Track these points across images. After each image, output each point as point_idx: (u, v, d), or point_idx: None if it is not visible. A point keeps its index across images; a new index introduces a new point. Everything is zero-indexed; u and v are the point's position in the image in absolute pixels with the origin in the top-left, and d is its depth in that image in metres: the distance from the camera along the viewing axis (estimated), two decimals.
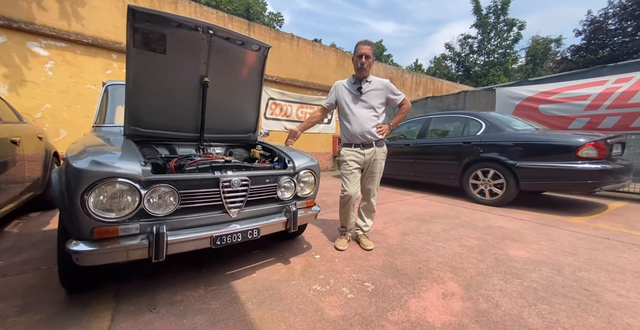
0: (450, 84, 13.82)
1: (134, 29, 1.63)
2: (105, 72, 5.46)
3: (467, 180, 4.13)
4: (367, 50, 2.11)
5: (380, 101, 2.22)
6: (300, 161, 2.04)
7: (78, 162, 1.29)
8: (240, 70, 2.19)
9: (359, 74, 2.20)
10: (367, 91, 2.19)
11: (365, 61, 2.11)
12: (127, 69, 1.73)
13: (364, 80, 2.20)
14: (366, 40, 2.14)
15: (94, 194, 1.27)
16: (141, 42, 1.68)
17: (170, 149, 2.22)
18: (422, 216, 3.28)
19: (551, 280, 1.71)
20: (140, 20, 1.62)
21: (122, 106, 2.63)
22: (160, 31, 1.70)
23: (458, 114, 4.62)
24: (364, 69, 2.15)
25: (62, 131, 5.09)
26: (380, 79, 2.24)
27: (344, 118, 2.31)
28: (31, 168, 2.86)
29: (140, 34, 1.66)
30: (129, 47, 1.67)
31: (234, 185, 1.65)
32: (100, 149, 1.53)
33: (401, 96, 2.26)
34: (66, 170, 1.33)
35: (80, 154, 1.37)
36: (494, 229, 2.80)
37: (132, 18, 1.59)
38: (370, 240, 2.34)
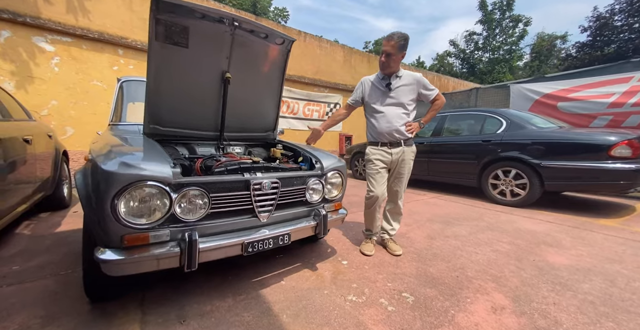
0: (457, 81, 13.63)
1: (157, 21, 1.53)
2: (112, 68, 5.35)
3: (486, 180, 4.01)
4: (389, 46, 1.93)
5: (411, 97, 2.07)
6: (328, 162, 1.93)
7: (107, 164, 1.19)
8: (262, 65, 2.08)
9: (383, 71, 2.07)
10: (396, 87, 2.05)
11: (386, 60, 1.96)
12: (149, 64, 1.63)
13: (393, 76, 2.05)
14: (390, 35, 1.94)
15: (124, 198, 1.17)
16: (163, 34, 1.59)
17: (189, 149, 2.11)
18: (443, 218, 3.17)
19: (607, 292, 1.59)
20: (163, 11, 1.52)
21: (135, 103, 2.56)
22: (184, 23, 1.60)
23: (475, 111, 4.48)
24: (386, 66, 2.01)
25: (69, 129, 4.99)
26: (411, 73, 2.08)
27: (370, 116, 2.18)
28: (42, 167, 2.76)
29: (163, 26, 1.56)
30: (150, 41, 1.57)
31: (265, 188, 1.54)
32: (127, 149, 1.43)
33: (434, 91, 2.10)
34: (93, 173, 1.22)
35: (107, 155, 1.27)
36: (524, 232, 2.68)
37: (156, 9, 1.49)
38: (398, 245, 2.22)
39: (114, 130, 2.08)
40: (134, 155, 1.35)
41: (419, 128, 2.14)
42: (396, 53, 1.95)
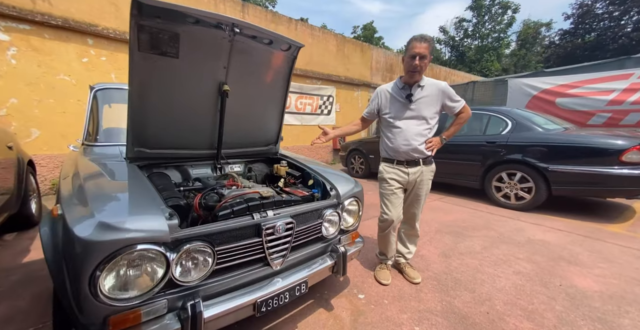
0: (448, 70, 13.45)
1: (140, 28, 1.22)
2: (80, 60, 4.76)
3: (489, 182, 3.90)
4: (423, 49, 1.65)
5: (434, 110, 1.82)
6: (344, 188, 1.68)
7: (83, 227, 0.90)
8: (264, 74, 1.78)
9: (409, 78, 1.79)
10: (418, 99, 1.78)
11: (420, 63, 1.68)
12: (130, 79, 1.33)
13: (415, 85, 1.79)
14: (422, 36, 1.67)
15: (108, 271, 0.90)
16: (148, 43, 1.28)
17: (182, 171, 1.83)
18: (451, 227, 3.03)
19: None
20: (148, 16, 1.20)
21: (112, 106, 2.19)
22: (173, 29, 1.29)
23: (480, 110, 4.29)
24: (417, 73, 1.73)
25: (34, 131, 4.44)
26: (435, 82, 1.81)
27: (386, 129, 1.93)
28: (3, 187, 2.37)
29: (148, 34, 1.25)
30: (132, 52, 1.26)
31: (278, 231, 1.29)
32: (107, 195, 1.13)
33: (461, 103, 1.84)
34: (65, 236, 0.94)
35: (82, 210, 0.99)
36: (537, 244, 2.58)
37: (138, 13, 1.18)
38: (416, 271, 2.05)
39: (89, 153, 1.74)
40: (117, 204, 1.07)
41: (440, 144, 1.89)
42: (429, 56, 1.69)
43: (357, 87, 8.82)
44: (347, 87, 8.52)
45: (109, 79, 4.95)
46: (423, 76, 1.81)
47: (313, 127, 7.66)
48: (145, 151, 1.61)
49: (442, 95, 1.80)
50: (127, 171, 1.44)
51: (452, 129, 1.91)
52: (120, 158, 1.63)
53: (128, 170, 1.45)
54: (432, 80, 1.83)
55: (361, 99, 9.02)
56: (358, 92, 8.88)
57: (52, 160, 4.60)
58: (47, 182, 4.58)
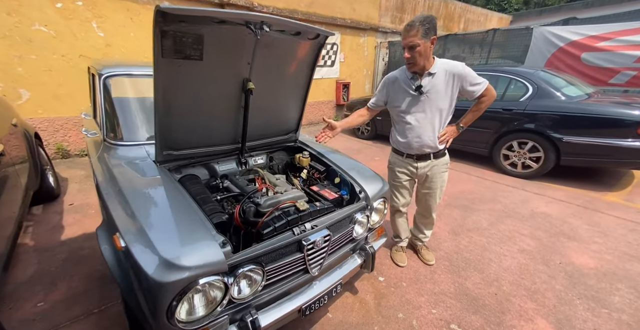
0: (463, 6, 11.85)
1: (163, 34, 1.12)
2: (54, 6, 4.11)
3: (498, 150, 3.91)
4: (410, 38, 1.48)
5: (449, 99, 1.65)
6: (373, 188, 1.70)
7: (149, 266, 0.96)
8: (289, 64, 1.64)
9: (409, 69, 1.65)
10: (430, 89, 1.62)
11: (411, 54, 1.52)
12: (156, 86, 1.28)
13: (425, 74, 1.61)
14: (409, 23, 1.47)
15: (180, 302, 0.99)
16: (172, 49, 1.20)
17: (209, 168, 1.83)
18: (459, 200, 3.18)
19: (636, 306, 1.73)
20: (172, 23, 1.11)
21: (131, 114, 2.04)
22: (197, 31, 1.20)
23: (499, 71, 4.00)
24: (411, 64, 1.59)
25: (24, 92, 4.13)
26: (449, 65, 1.60)
27: (396, 123, 1.85)
28: (20, 168, 2.35)
29: (171, 39, 1.17)
30: (157, 58, 1.19)
31: (318, 245, 1.36)
32: (155, 217, 1.18)
33: (483, 85, 1.61)
34: (135, 270, 1.01)
35: (141, 241, 1.05)
36: (540, 218, 2.76)
37: (162, 20, 1.08)
38: (431, 253, 2.21)
39: (116, 156, 1.69)
40: (172, 231, 1.11)
41: (456, 134, 1.78)
42: (423, 43, 1.48)
43: (364, 31, 7.94)
44: (353, 32, 7.67)
45: (91, 29, 4.37)
46: (435, 59, 1.61)
47: (316, 82, 7.17)
48: (173, 153, 1.61)
49: (458, 80, 1.61)
50: (162, 181, 1.43)
51: (471, 115, 1.76)
52: (148, 160, 1.62)
53: (163, 180, 1.44)
54: (445, 62, 1.61)
55: (367, 46, 8.23)
56: (364, 37, 8.03)
57: (50, 124, 4.42)
58: (51, 146, 4.49)
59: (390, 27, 8.70)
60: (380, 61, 8.61)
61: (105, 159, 1.63)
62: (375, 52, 8.50)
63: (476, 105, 1.72)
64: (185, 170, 1.75)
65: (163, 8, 1.06)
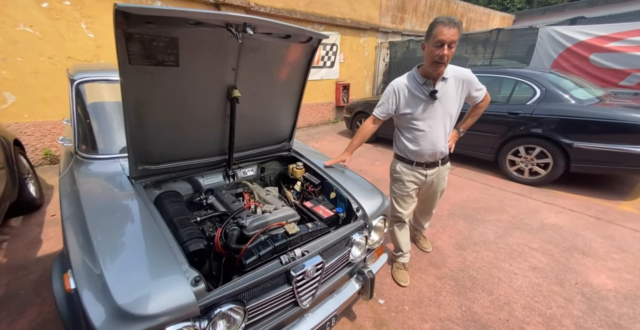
0: (466, 6, 11.70)
1: (128, 37, 0.96)
2: (40, 5, 3.95)
3: (504, 155, 3.74)
4: (452, 35, 1.36)
5: (459, 104, 1.65)
6: (371, 204, 1.53)
7: (100, 318, 0.79)
8: (279, 70, 1.47)
9: (433, 71, 1.51)
10: (443, 94, 1.57)
11: (448, 52, 1.40)
12: (124, 96, 1.13)
13: (439, 78, 1.54)
14: (450, 19, 1.36)
15: None
16: (141, 54, 1.04)
17: (192, 182, 1.67)
18: (463, 209, 3.00)
19: None
20: (138, 24, 0.94)
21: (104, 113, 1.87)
22: (170, 34, 1.03)
23: (504, 73, 3.83)
24: (442, 64, 1.46)
25: (8, 96, 3.97)
26: (458, 70, 1.59)
27: (406, 131, 1.74)
28: None
29: (139, 43, 1.00)
30: (122, 66, 1.03)
31: (309, 276, 1.20)
32: (116, 250, 1.01)
33: (484, 90, 1.68)
34: (86, 322, 0.83)
35: (94, 282, 0.88)
36: (550, 230, 2.59)
37: (125, 22, 0.91)
38: (427, 241, 2.35)
39: (86, 172, 1.52)
40: (134, 269, 0.94)
41: (457, 137, 1.87)
42: (455, 45, 1.43)
43: (364, 32, 7.76)
44: (353, 32, 7.49)
45: (80, 30, 4.21)
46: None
47: (315, 82, 7.02)
48: (150, 168, 1.44)
49: (467, 85, 1.62)
50: (133, 203, 1.26)
51: (470, 120, 1.83)
52: (122, 176, 1.45)
53: (134, 202, 1.27)
54: (454, 68, 1.58)
55: (368, 46, 8.05)
56: (364, 38, 7.86)
57: (37, 129, 4.26)
58: (39, 151, 4.33)
59: (391, 27, 8.53)
60: (381, 62, 8.44)
61: (74, 176, 1.47)
62: (375, 52, 8.33)
63: (475, 109, 1.78)
64: (166, 185, 1.59)
65: (122, 7, 0.89)
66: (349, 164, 1.86)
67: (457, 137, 1.85)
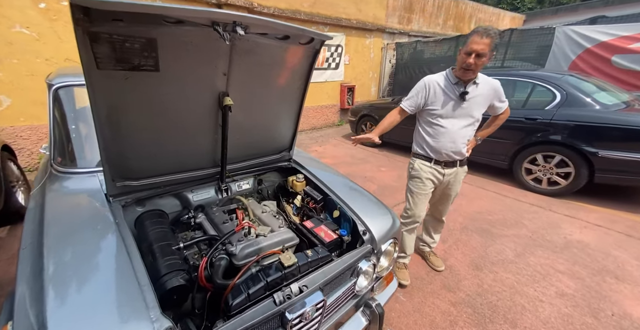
0: (475, 5, 11.41)
1: (94, 38, 0.81)
2: (37, 6, 3.85)
3: (520, 163, 3.50)
4: (483, 45, 1.43)
5: (483, 111, 1.70)
6: (380, 226, 1.34)
7: None
8: (277, 75, 1.30)
9: (461, 75, 1.58)
10: (472, 97, 1.62)
11: (476, 61, 1.47)
12: (93, 106, 0.97)
13: (470, 82, 1.60)
14: (486, 30, 1.43)
15: None
16: (111, 57, 0.88)
17: (180, 198, 1.50)
18: (477, 222, 2.78)
19: None
20: (103, 21, 0.78)
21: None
22: (146, 34, 0.87)
23: (519, 76, 3.60)
24: (470, 71, 1.53)
25: (4, 98, 3.86)
26: (489, 80, 1.66)
27: (427, 126, 1.75)
28: None
29: (107, 45, 0.85)
30: (88, 71, 0.88)
31: (307, 318, 1.00)
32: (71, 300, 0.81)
33: (506, 103, 1.77)
34: None
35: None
36: (576, 248, 2.36)
37: (86, 20, 0.76)
38: (439, 259, 2.18)
39: (59, 188, 1.35)
40: (88, 322, 0.76)
41: (475, 144, 1.87)
42: (488, 54, 1.48)
43: (370, 32, 7.56)
44: (359, 33, 7.30)
45: None
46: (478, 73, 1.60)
47: (319, 84, 6.84)
48: (130, 184, 1.27)
49: (493, 94, 1.69)
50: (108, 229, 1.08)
51: (489, 130, 1.89)
52: (100, 194, 1.27)
53: (105, 227, 1.09)
54: (485, 77, 1.66)
55: (374, 47, 7.85)
56: (370, 39, 7.66)
57: (34, 132, 4.15)
58: (35, 155, 4.22)
59: (398, 27, 8.32)
60: (387, 63, 8.24)
61: (44, 194, 1.30)
62: (382, 53, 8.13)
63: (495, 121, 1.85)
64: (150, 202, 1.42)
65: (77, 0, 0.71)
66: (354, 169, 1.71)
67: (474, 144, 1.85)
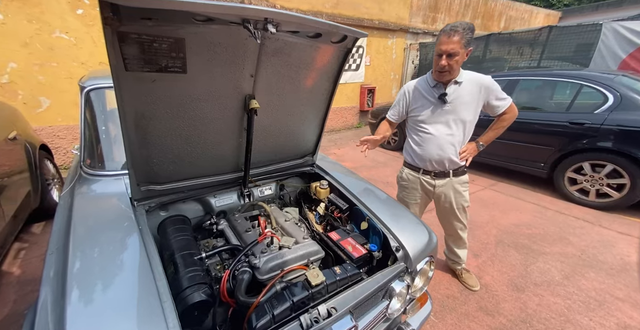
0: (507, 3, 10.79)
1: (122, 38, 0.78)
2: (75, 12, 4.05)
3: (562, 172, 3.20)
4: (452, 45, 1.33)
5: (473, 112, 1.53)
6: (415, 242, 1.22)
7: None
8: (305, 76, 1.23)
9: (439, 78, 1.50)
10: (454, 98, 1.50)
11: (449, 61, 1.38)
12: (121, 108, 0.95)
13: (451, 82, 1.50)
14: (453, 27, 1.33)
15: None
16: (139, 59, 0.86)
17: (203, 203, 1.48)
18: (514, 235, 2.55)
19: None
20: (132, 21, 0.75)
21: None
22: (174, 34, 0.86)
23: (563, 76, 3.31)
24: (445, 73, 1.43)
25: (44, 100, 4.08)
26: (476, 76, 1.51)
27: (413, 132, 1.67)
28: (12, 189, 2.13)
29: (136, 45, 0.83)
30: (116, 72, 0.85)
31: None
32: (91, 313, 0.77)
33: (507, 102, 1.54)
34: None
35: None
36: (636, 272, 2.07)
37: (116, 18, 0.73)
38: (474, 277, 1.99)
39: (87, 191, 1.36)
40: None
41: (476, 152, 1.65)
42: (462, 52, 1.37)
43: (393, 33, 7.36)
44: (380, 33, 7.12)
45: None
46: (461, 70, 1.49)
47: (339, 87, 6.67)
48: (155, 188, 1.26)
49: (484, 92, 1.51)
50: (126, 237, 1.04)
51: (492, 133, 1.66)
52: (125, 197, 1.26)
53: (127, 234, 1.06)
54: (472, 74, 1.52)
55: (396, 48, 7.64)
56: (392, 39, 7.46)
57: (69, 132, 4.36)
58: (70, 154, 4.44)
59: (422, 27, 8.05)
60: (410, 64, 7.98)
61: (73, 197, 1.29)
62: (404, 54, 7.90)
63: (498, 123, 1.63)
64: (173, 207, 1.40)
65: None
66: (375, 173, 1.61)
67: (475, 151, 1.64)
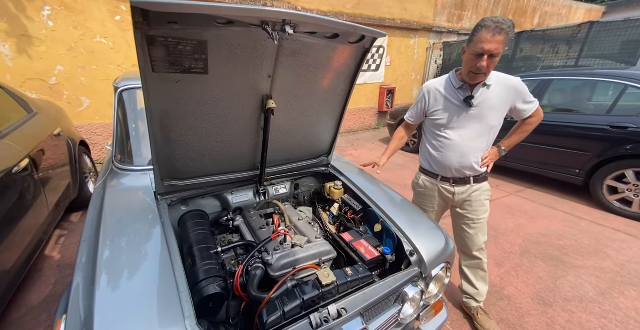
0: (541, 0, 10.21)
1: (151, 41, 0.85)
2: (114, 19, 4.35)
3: (601, 180, 2.97)
4: (496, 44, 1.16)
5: (501, 116, 1.41)
6: (431, 247, 1.19)
7: None
8: (322, 76, 1.26)
9: (470, 80, 1.33)
10: (481, 102, 1.36)
11: (487, 63, 1.21)
12: (148, 108, 1.03)
13: (479, 84, 1.35)
14: (498, 24, 1.14)
15: None
16: (165, 61, 0.92)
17: (220, 199, 1.56)
18: (542, 245, 2.40)
19: None
20: (159, 25, 0.82)
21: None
22: (198, 37, 0.91)
23: (606, 76, 3.07)
24: (481, 75, 1.28)
25: (85, 100, 4.42)
26: (505, 78, 1.37)
27: (432, 137, 1.53)
28: (56, 180, 2.33)
29: (163, 48, 0.89)
30: (145, 73, 0.92)
31: None
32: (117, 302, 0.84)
33: (534, 105, 1.41)
34: None
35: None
36: None
37: (146, 23, 0.79)
38: (492, 321, 1.65)
39: (117, 184, 1.48)
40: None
41: (497, 158, 1.53)
42: (502, 53, 1.23)
43: (415, 32, 7.18)
44: (403, 33, 6.97)
45: None
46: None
47: (358, 87, 6.68)
48: (177, 184, 1.35)
49: (514, 96, 1.37)
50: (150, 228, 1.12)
51: (515, 137, 1.53)
52: (150, 192, 1.36)
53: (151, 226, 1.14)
54: (500, 75, 1.38)
55: (418, 48, 7.45)
56: (415, 39, 7.28)
57: (105, 129, 4.69)
58: (105, 150, 4.76)
59: (447, 26, 7.78)
60: (433, 64, 7.75)
61: (104, 189, 1.41)
62: (427, 54, 7.68)
63: (523, 126, 1.49)
64: (193, 202, 1.48)
65: (138, 3, 0.72)
66: (392, 176, 1.56)
67: (497, 157, 1.53)
